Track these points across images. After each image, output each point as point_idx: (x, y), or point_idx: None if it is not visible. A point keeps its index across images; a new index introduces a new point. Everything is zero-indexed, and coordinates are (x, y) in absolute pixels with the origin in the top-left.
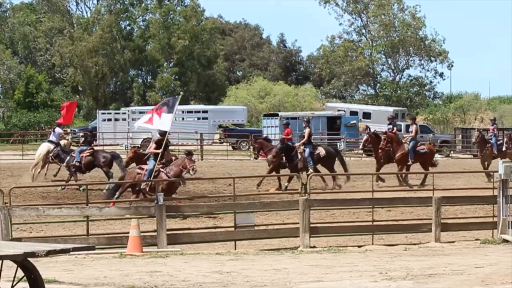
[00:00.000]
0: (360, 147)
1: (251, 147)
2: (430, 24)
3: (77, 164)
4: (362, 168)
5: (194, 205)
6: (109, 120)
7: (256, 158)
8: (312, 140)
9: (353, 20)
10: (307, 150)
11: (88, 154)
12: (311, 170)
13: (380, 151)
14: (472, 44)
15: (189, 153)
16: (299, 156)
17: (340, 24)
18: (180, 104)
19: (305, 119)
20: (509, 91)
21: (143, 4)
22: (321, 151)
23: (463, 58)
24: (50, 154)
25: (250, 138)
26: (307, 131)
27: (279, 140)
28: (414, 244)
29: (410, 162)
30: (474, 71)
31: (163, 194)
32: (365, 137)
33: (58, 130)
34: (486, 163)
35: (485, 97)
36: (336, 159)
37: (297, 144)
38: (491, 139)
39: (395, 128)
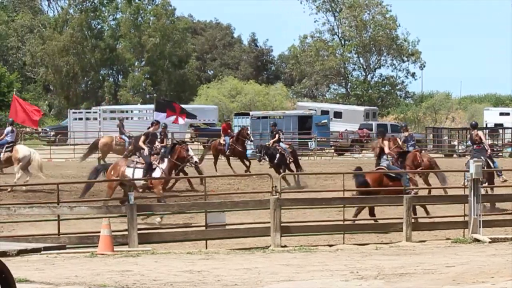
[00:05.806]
0: None
1: None
2: (402, 23)
3: None
4: (333, 167)
5: (165, 204)
6: (80, 119)
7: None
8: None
9: (327, 18)
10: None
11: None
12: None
13: None
14: (444, 44)
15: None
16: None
17: (316, 21)
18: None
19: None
20: (480, 90)
21: (113, 3)
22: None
23: (435, 57)
24: None
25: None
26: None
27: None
28: (385, 243)
29: None
30: (446, 70)
31: (134, 193)
32: None
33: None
34: None
35: (456, 96)
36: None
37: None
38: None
39: None
